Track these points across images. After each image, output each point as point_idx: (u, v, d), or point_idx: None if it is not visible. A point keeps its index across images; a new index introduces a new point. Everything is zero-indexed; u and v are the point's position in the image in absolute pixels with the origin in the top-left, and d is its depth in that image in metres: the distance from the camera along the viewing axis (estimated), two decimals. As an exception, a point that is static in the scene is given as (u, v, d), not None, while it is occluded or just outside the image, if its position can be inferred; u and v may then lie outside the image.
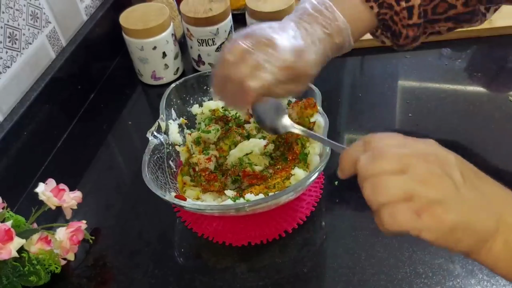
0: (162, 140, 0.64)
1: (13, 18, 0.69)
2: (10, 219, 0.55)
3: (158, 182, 0.59)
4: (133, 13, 0.82)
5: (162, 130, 0.64)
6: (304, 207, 0.63)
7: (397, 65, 0.84)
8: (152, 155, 0.60)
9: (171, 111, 0.68)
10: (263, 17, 0.79)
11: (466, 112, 0.74)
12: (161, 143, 0.63)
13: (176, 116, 0.68)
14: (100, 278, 0.59)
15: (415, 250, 0.57)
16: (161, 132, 0.64)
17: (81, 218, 0.60)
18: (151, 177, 0.57)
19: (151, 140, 0.61)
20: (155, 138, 0.62)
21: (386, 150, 0.36)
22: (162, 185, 0.59)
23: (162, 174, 0.61)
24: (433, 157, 0.36)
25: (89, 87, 0.86)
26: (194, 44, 0.84)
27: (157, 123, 0.63)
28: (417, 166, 0.35)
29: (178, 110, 0.69)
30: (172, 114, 0.68)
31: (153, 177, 0.58)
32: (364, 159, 0.37)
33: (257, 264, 0.58)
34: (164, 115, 0.65)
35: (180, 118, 0.69)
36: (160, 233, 0.64)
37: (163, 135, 0.64)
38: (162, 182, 0.60)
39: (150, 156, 0.60)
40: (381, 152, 0.36)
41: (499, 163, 0.66)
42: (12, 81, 0.69)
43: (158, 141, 0.62)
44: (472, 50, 0.86)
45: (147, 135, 0.62)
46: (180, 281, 0.58)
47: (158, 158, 0.62)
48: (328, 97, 0.79)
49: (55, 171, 0.73)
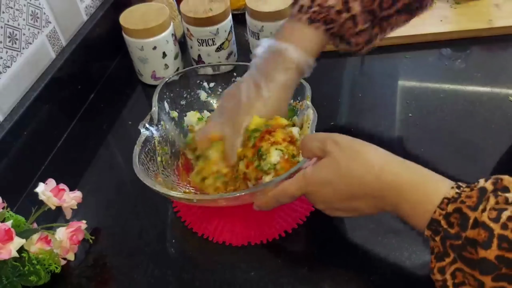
0: (154, 132, 0.65)
1: (13, 18, 0.69)
2: (10, 219, 0.55)
3: (149, 172, 0.60)
4: (133, 13, 0.82)
5: (154, 122, 0.65)
6: (304, 207, 0.63)
7: (397, 65, 0.84)
8: (143, 146, 0.62)
9: (163, 105, 0.69)
10: (263, 17, 0.80)
11: (466, 112, 0.74)
12: (152, 135, 0.65)
13: (169, 110, 0.70)
14: (100, 278, 0.59)
15: (414, 250, 0.57)
16: (153, 124, 0.65)
17: (81, 218, 0.60)
18: (141, 168, 0.58)
19: (143, 132, 0.63)
20: (146, 130, 0.64)
21: (316, 200, 0.52)
22: (153, 176, 0.61)
23: (153, 165, 0.63)
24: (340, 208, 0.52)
25: (89, 87, 0.86)
26: (194, 44, 0.84)
27: (149, 115, 0.65)
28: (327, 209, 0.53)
29: (171, 104, 0.71)
30: (165, 107, 0.69)
31: (143, 168, 0.59)
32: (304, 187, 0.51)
33: (257, 264, 0.58)
34: (157, 108, 0.66)
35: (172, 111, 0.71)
36: (160, 233, 0.64)
37: (155, 127, 0.65)
38: (153, 173, 0.61)
39: (142, 147, 0.61)
40: (313, 198, 0.52)
41: (499, 163, 0.66)
42: (12, 81, 0.69)
43: (149, 133, 0.64)
44: (472, 50, 0.86)
45: (139, 127, 0.63)
46: (180, 281, 0.58)
47: (149, 149, 0.63)
48: (328, 97, 0.79)
49: (55, 171, 0.73)
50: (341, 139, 0.50)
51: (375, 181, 0.46)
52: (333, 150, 0.48)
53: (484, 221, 0.38)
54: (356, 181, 0.47)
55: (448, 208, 0.41)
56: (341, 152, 0.48)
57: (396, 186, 0.45)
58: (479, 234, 0.38)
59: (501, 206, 0.39)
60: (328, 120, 0.75)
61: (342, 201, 0.49)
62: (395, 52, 0.85)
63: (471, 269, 0.39)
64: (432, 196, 0.43)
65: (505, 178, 0.40)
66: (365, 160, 0.47)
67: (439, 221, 0.42)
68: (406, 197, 0.45)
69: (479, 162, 0.67)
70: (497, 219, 0.38)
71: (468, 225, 0.39)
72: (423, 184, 0.44)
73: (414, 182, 0.45)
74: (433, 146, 0.69)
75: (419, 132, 0.72)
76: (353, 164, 0.47)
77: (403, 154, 0.45)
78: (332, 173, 0.48)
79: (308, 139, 0.53)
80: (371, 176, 0.46)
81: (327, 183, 0.49)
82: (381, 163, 0.46)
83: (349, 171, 0.47)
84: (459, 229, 0.40)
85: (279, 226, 0.61)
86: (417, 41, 0.86)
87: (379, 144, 0.49)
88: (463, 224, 0.40)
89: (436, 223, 0.42)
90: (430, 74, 0.82)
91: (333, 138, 0.50)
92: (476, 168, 0.66)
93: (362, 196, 0.48)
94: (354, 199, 0.48)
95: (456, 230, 0.40)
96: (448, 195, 0.42)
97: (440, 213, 0.42)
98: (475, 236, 0.38)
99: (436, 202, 0.42)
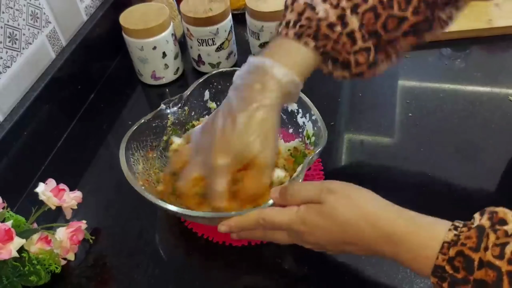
0: (173, 111, 0.65)
1: (13, 18, 0.69)
2: (10, 219, 0.55)
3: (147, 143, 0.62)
4: (133, 13, 0.82)
5: (180, 103, 0.66)
6: (304, 207, 0.62)
7: (397, 65, 0.84)
8: (152, 119, 0.63)
9: (204, 92, 0.69)
10: (263, 17, 0.80)
11: (466, 112, 0.74)
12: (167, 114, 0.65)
13: (208, 99, 0.69)
14: (100, 278, 0.59)
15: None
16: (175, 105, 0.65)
17: (81, 218, 0.60)
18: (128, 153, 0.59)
19: (161, 107, 0.64)
20: (166, 108, 0.64)
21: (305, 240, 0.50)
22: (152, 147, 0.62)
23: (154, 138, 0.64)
24: None
25: (89, 87, 0.86)
26: (194, 44, 0.84)
27: (179, 96, 0.65)
28: None
29: (213, 95, 0.70)
30: (206, 95, 0.69)
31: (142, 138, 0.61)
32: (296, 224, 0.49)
33: (257, 264, 0.58)
34: (190, 91, 0.66)
35: (211, 102, 0.70)
36: (160, 233, 0.64)
37: (176, 107, 0.65)
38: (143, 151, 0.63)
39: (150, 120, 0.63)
40: (303, 238, 0.50)
41: (499, 163, 0.66)
42: (12, 81, 0.69)
43: (168, 111, 0.65)
44: (472, 50, 0.86)
45: (162, 102, 0.64)
46: (180, 281, 0.58)
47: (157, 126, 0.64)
48: (328, 97, 0.79)
49: (55, 171, 0.73)
50: (336, 186, 0.48)
51: (371, 230, 0.45)
52: (329, 199, 0.47)
53: (489, 260, 0.38)
54: (352, 228, 0.46)
55: (450, 252, 0.40)
56: (337, 201, 0.47)
57: (393, 236, 0.44)
58: (487, 275, 0.37)
59: (502, 241, 0.38)
60: (328, 120, 0.75)
61: (335, 246, 0.48)
62: (395, 52, 0.85)
63: None
64: (431, 242, 0.42)
65: (500, 211, 0.40)
66: (361, 208, 0.46)
67: (443, 266, 0.41)
68: (405, 246, 0.43)
69: (479, 162, 0.67)
70: (502, 255, 0.37)
71: (474, 267, 0.39)
72: (420, 231, 0.43)
73: (411, 229, 0.44)
74: (433, 146, 0.69)
75: (419, 132, 0.72)
76: (349, 212, 0.46)
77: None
78: (328, 221, 0.47)
79: (301, 188, 0.50)
80: (367, 224, 0.45)
81: (322, 228, 0.47)
82: (376, 212, 0.45)
83: (344, 220, 0.46)
84: (465, 272, 0.39)
85: (279, 226, 0.61)
86: (417, 41, 0.86)
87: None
88: (469, 267, 0.39)
89: (440, 269, 0.41)
90: (430, 74, 0.82)
91: (328, 186, 0.48)
92: (476, 168, 0.66)
93: (356, 242, 0.47)
94: (348, 244, 0.47)
95: (463, 274, 0.39)
96: (447, 239, 0.41)
97: (443, 258, 0.41)
98: (483, 277, 0.38)
99: (437, 247, 0.41)
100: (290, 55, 0.53)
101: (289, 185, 0.51)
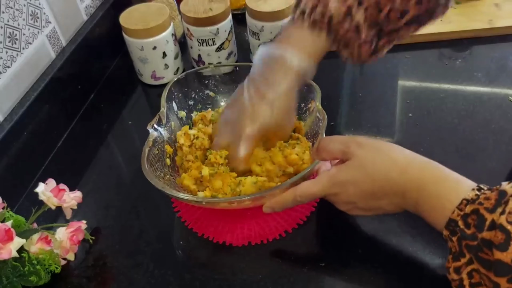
0: (162, 133, 0.65)
1: (13, 18, 0.69)
2: (10, 219, 0.55)
3: (156, 173, 0.60)
4: (133, 13, 0.82)
5: (163, 123, 0.65)
6: (304, 207, 0.63)
7: (397, 65, 0.84)
8: (152, 147, 0.62)
9: (172, 105, 0.69)
10: (263, 17, 0.79)
11: (466, 112, 0.74)
12: (161, 136, 0.64)
13: (177, 110, 0.70)
14: (100, 278, 0.59)
15: (414, 250, 0.57)
16: (161, 125, 0.65)
17: (81, 218, 0.60)
18: (150, 169, 0.58)
19: (151, 133, 0.63)
20: (155, 131, 0.64)
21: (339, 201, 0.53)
22: (161, 178, 0.61)
23: (161, 167, 0.63)
24: None
25: (89, 87, 0.86)
26: (194, 44, 0.84)
27: (158, 116, 0.65)
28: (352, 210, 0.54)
29: (179, 104, 0.70)
30: (174, 107, 0.69)
31: (152, 169, 0.59)
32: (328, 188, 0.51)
33: (257, 264, 0.58)
34: (165, 108, 0.66)
35: (180, 111, 0.71)
36: (160, 233, 0.64)
37: (163, 127, 0.65)
38: (161, 175, 0.61)
39: (150, 148, 0.61)
40: (337, 199, 0.53)
41: (499, 163, 0.66)
42: (12, 81, 0.69)
43: (158, 133, 0.64)
44: (472, 50, 0.86)
45: (148, 127, 0.63)
46: (180, 281, 0.58)
47: (158, 150, 0.63)
48: (328, 97, 0.79)
49: (55, 171, 0.73)
50: (365, 140, 0.50)
51: (399, 177, 0.47)
52: (358, 152, 0.49)
53: (502, 223, 0.38)
54: (381, 177, 0.48)
55: (466, 209, 0.41)
56: (366, 153, 0.49)
57: (419, 181, 0.46)
58: (496, 236, 0.38)
59: None
60: (328, 120, 0.74)
61: (366, 200, 0.50)
62: (395, 52, 0.85)
63: (486, 270, 0.39)
64: (452, 195, 0.43)
65: None
66: (390, 158, 0.48)
67: (456, 221, 0.42)
68: (427, 193, 0.45)
69: (479, 162, 0.67)
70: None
71: (484, 226, 0.39)
72: (444, 182, 0.45)
73: (436, 178, 0.45)
74: (433, 146, 0.69)
75: (419, 132, 0.72)
76: (378, 162, 0.48)
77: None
78: (359, 172, 0.49)
79: (329, 141, 0.53)
80: (396, 172, 0.47)
81: (353, 182, 0.49)
82: (406, 159, 0.48)
83: (375, 169, 0.48)
84: (475, 230, 0.40)
85: (279, 226, 0.61)
86: (417, 41, 0.86)
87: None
88: (480, 225, 0.40)
89: (453, 223, 0.42)
90: (430, 74, 0.82)
91: (357, 140, 0.51)
92: (476, 168, 0.66)
93: (385, 194, 0.48)
94: (378, 197, 0.49)
95: (472, 231, 0.40)
96: (467, 197, 0.42)
97: (458, 213, 0.42)
98: (491, 238, 0.38)
99: (456, 202, 0.43)
100: (305, 43, 0.59)
101: (320, 140, 0.55)
